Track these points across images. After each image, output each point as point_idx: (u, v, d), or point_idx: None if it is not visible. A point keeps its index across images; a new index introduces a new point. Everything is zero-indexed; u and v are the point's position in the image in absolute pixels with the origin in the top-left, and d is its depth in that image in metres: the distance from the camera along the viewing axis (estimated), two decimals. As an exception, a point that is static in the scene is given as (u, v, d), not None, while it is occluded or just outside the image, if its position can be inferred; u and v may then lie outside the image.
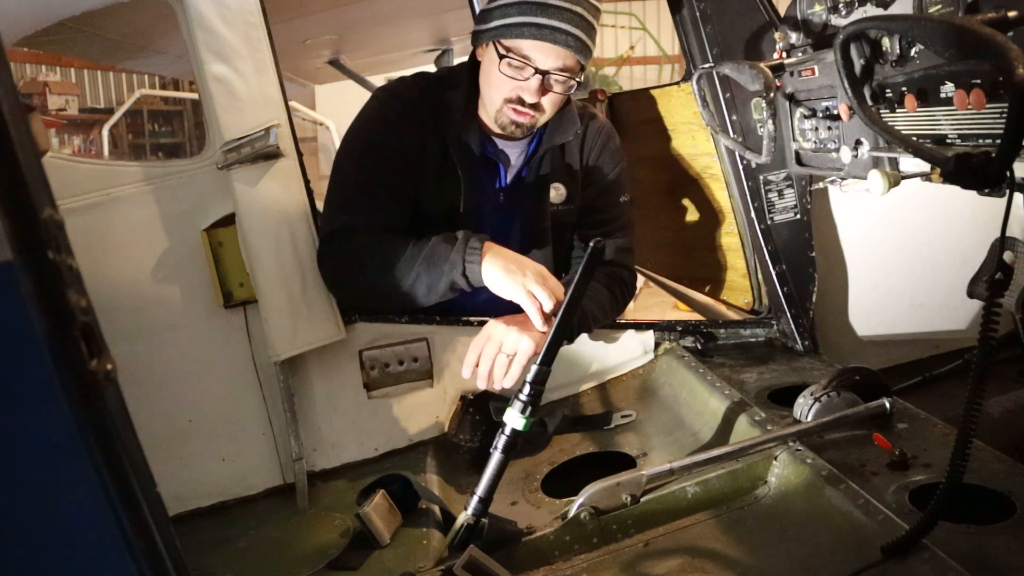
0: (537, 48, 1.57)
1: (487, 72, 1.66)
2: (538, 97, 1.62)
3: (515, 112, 1.64)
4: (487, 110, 1.70)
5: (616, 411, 1.84)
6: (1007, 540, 1.13)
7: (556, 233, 1.86)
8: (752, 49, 2.02)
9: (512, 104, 1.64)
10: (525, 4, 1.56)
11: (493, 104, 1.67)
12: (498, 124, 1.69)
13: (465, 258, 1.54)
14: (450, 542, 1.36)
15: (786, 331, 2.07)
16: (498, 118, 1.67)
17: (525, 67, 1.59)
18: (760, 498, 1.38)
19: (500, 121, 1.68)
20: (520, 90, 1.62)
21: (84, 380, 0.54)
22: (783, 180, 2.06)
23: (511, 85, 1.62)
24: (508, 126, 1.67)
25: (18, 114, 0.51)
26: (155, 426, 1.65)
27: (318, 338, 1.70)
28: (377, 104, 1.76)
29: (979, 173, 1.06)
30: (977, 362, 1.03)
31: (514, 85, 1.62)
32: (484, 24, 1.64)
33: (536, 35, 1.56)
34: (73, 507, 0.57)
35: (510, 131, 1.69)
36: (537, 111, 1.65)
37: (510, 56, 1.59)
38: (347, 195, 1.70)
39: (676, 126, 2.39)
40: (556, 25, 1.55)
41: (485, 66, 1.67)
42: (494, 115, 1.68)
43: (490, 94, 1.67)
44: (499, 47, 1.59)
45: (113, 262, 1.62)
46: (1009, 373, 1.92)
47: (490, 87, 1.66)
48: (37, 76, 9.06)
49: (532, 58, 1.58)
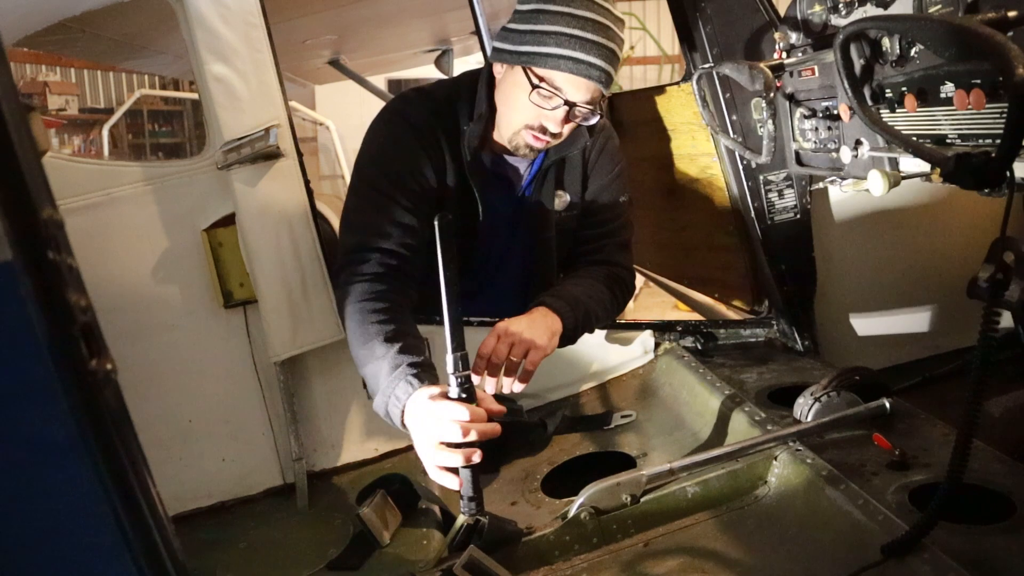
0: (570, 82, 1.55)
1: (510, 95, 1.63)
2: (562, 128, 1.61)
3: (534, 138, 1.62)
4: (501, 131, 1.68)
5: (616, 411, 1.84)
6: (1007, 540, 1.13)
7: (559, 239, 1.85)
8: (752, 49, 2.02)
9: (532, 131, 1.62)
10: (564, 36, 1.53)
11: (511, 127, 1.64)
12: (511, 144, 1.67)
13: (389, 402, 1.41)
14: (450, 542, 1.36)
15: (786, 331, 2.07)
16: (513, 139, 1.65)
17: (554, 97, 1.57)
18: (760, 498, 1.38)
19: (515, 143, 1.65)
20: (544, 118, 1.59)
21: (84, 380, 0.54)
22: (783, 180, 2.06)
23: (536, 113, 1.59)
24: (522, 148, 1.66)
25: (18, 114, 0.51)
26: (155, 426, 1.65)
27: (318, 338, 1.70)
28: (392, 130, 1.70)
29: (979, 173, 1.06)
30: (977, 362, 1.03)
31: (538, 113, 1.59)
32: (513, 45, 1.59)
33: (573, 70, 1.53)
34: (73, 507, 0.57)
35: (523, 153, 1.68)
36: (555, 139, 1.64)
37: (542, 87, 1.56)
38: (366, 218, 1.63)
39: (676, 126, 2.39)
40: (592, 61, 1.53)
41: (507, 88, 1.63)
42: (509, 136, 1.66)
43: (511, 116, 1.64)
44: (531, 75, 1.56)
45: (113, 262, 1.62)
46: (1009, 373, 1.92)
47: (513, 111, 1.63)
48: (37, 76, 9.06)
49: (563, 90, 1.56)
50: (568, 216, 1.84)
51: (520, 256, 1.88)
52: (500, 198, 1.78)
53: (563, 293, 1.65)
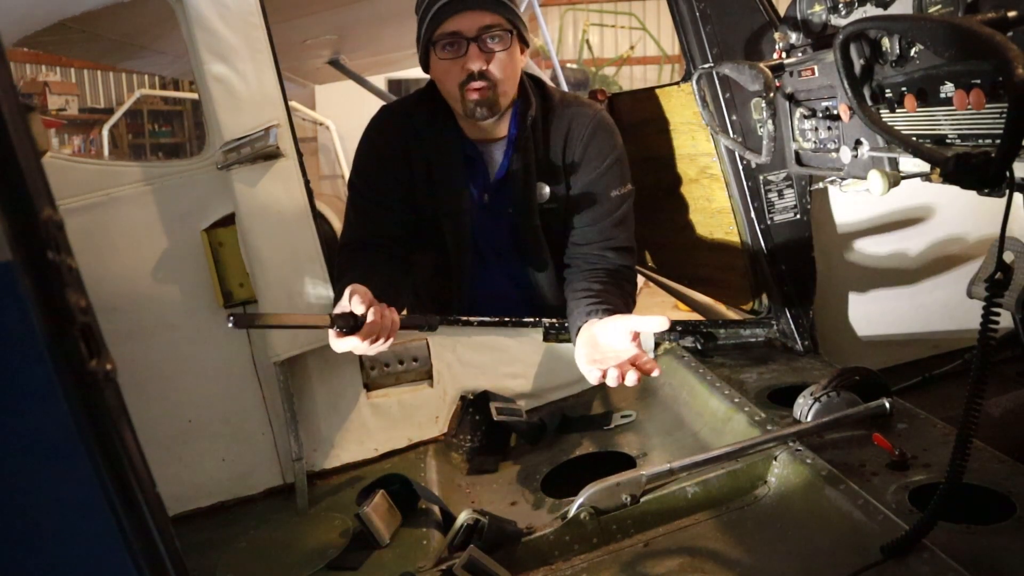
0: (455, 22, 1.65)
1: (436, 73, 1.75)
2: (481, 63, 1.67)
3: (473, 92, 1.69)
4: (455, 109, 1.77)
5: (616, 411, 1.84)
6: (1007, 540, 1.13)
7: (545, 232, 1.86)
8: (752, 49, 2.02)
9: (466, 87, 1.69)
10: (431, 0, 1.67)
11: (454, 97, 1.73)
12: (465, 112, 1.73)
13: None
14: (450, 542, 1.36)
15: (786, 331, 2.07)
16: (465, 108, 1.72)
17: (456, 43, 1.66)
18: (760, 498, 1.38)
19: (467, 109, 1.72)
20: (462, 67, 1.68)
21: (84, 380, 0.54)
22: (783, 180, 2.06)
23: (456, 68, 1.68)
24: (475, 109, 1.71)
25: (18, 114, 0.51)
26: (155, 426, 1.65)
27: (318, 338, 1.70)
28: (367, 131, 1.88)
29: (979, 173, 1.06)
30: (977, 362, 1.03)
31: (452, 67, 1.69)
32: (419, 41, 1.74)
33: (446, 13, 1.64)
34: (73, 507, 0.57)
35: (480, 115, 1.72)
36: (489, 78, 1.69)
37: (439, 43, 1.68)
38: (349, 216, 1.84)
39: (676, 126, 2.39)
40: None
41: (434, 72, 1.76)
42: (461, 109, 1.74)
43: (447, 88, 1.74)
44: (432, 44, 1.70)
45: (113, 262, 1.62)
46: (1009, 373, 1.92)
47: (443, 82, 1.74)
48: (37, 76, 9.06)
49: (458, 31, 1.66)
50: (551, 209, 1.85)
51: (505, 245, 1.91)
52: (473, 182, 1.86)
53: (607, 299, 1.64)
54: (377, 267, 1.68)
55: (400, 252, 1.80)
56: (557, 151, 1.82)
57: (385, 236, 1.78)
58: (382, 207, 1.80)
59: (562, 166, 1.83)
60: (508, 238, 1.89)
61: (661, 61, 11.67)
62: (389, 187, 1.81)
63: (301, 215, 1.69)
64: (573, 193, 1.84)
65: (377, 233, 1.78)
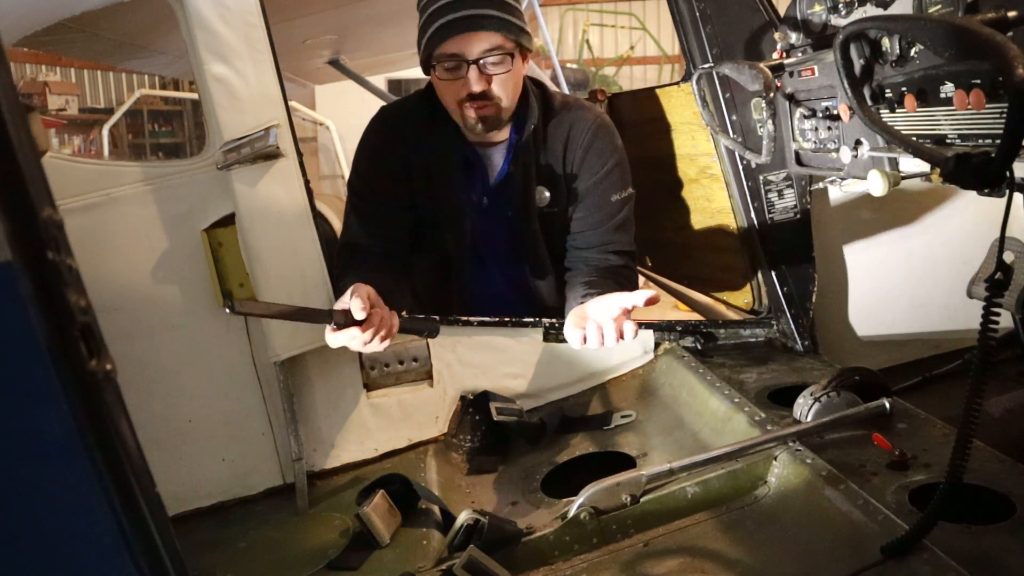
0: (457, 44, 1.63)
1: (437, 87, 1.75)
2: (482, 86, 1.66)
3: (473, 109, 1.69)
4: (456, 121, 1.77)
5: (616, 411, 1.84)
6: (1007, 540, 1.13)
7: (545, 236, 1.85)
8: (752, 49, 2.02)
9: (465, 104, 1.69)
10: (433, 12, 1.64)
11: (454, 112, 1.73)
12: (469, 128, 1.74)
13: None
14: (450, 542, 1.36)
15: (786, 331, 2.07)
16: (466, 123, 1.73)
17: (458, 65, 1.65)
18: (760, 498, 1.38)
19: (468, 124, 1.73)
20: (462, 87, 1.67)
21: (84, 380, 0.54)
22: (783, 180, 2.06)
23: (456, 87, 1.67)
24: (477, 125, 1.71)
25: (18, 114, 0.51)
26: (155, 426, 1.65)
27: (318, 338, 1.69)
28: (365, 132, 1.88)
29: (979, 173, 1.06)
30: (977, 362, 1.03)
31: (459, 85, 1.67)
32: (420, 51, 1.72)
33: (449, 33, 1.62)
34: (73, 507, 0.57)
35: (480, 130, 1.73)
36: (492, 99, 1.68)
37: (439, 63, 1.65)
38: (349, 218, 1.85)
39: (676, 126, 2.39)
40: (465, 15, 1.61)
41: (435, 85, 1.75)
42: (462, 124, 1.75)
43: (447, 104, 1.74)
44: (432, 61, 1.67)
45: (113, 262, 1.62)
46: (1009, 373, 1.92)
47: (443, 96, 1.74)
48: (37, 76, 9.06)
49: (459, 54, 1.64)
50: (551, 213, 1.84)
51: (504, 248, 1.90)
52: (472, 185, 1.85)
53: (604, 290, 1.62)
54: (377, 268, 1.68)
55: (400, 253, 1.81)
56: (557, 155, 1.82)
57: (384, 238, 1.79)
58: (381, 208, 1.80)
59: (562, 170, 1.83)
60: (507, 241, 1.89)
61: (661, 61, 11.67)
62: (388, 189, 1.81)
63: (301, 215, 1.69)
64: (573, 197, 1.84)
65: (376, 235, 1.78)
